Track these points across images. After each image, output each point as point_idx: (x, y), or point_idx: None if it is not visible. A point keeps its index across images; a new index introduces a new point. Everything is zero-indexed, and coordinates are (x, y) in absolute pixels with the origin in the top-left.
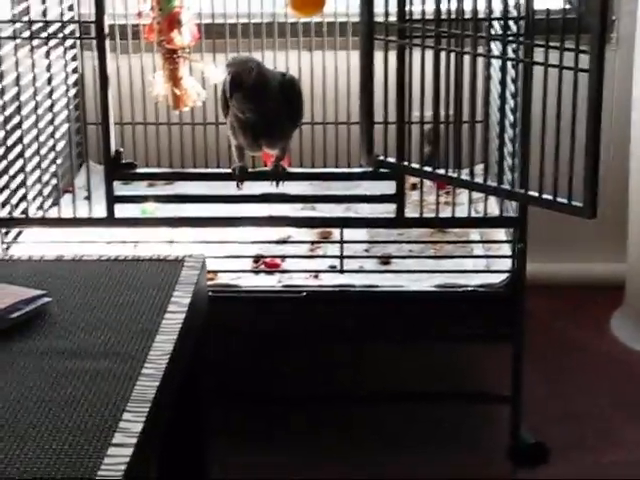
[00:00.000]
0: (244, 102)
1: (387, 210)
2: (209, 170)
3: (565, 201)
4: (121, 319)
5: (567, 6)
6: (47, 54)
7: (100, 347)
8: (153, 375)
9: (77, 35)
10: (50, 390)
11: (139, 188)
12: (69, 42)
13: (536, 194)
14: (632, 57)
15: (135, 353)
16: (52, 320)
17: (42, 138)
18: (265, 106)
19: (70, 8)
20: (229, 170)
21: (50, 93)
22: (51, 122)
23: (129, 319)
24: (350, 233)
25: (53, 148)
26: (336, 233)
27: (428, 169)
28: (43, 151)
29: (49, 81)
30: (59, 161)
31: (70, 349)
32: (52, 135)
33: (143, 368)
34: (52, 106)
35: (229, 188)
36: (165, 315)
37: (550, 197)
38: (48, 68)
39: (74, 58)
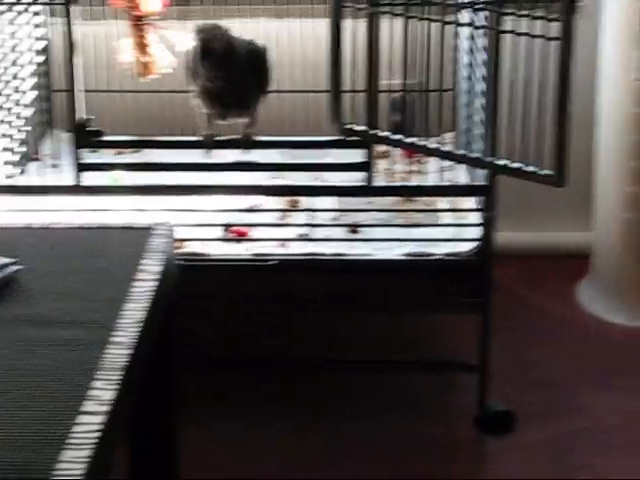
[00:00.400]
0: (212, 69)
1: (355, 179)
2: (178, 138)
3: (534, 169)
4: (90, 287)
5: None
6: (13, 20)
7: (69, 315)
8: (123, 343)
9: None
10: (19, 358)
11: (107, 156)
12: (36, 8)
13: (505, 162)
14: (597, 25)
15: (105, 321)
16: (21, 288)
17: (10, 105)
18: (233, 74)
19: None
20: (198, 138)
21: (17, 60)
22: (18, 89)
23: (98, 287)
24: (319, 201)
25: (20, 115)
26: (304, 201)
27: (397, 137)
28: (11, 118)
29: (16, 48)
30: (27, 129)
31: (39, 317)
32: (19, 102)
33: (113, 336)
34: (19, 73)
35: (197, 156)
36: (135, 283)
37: (519, 165)
38: (15, 35)
39: (40, 25)
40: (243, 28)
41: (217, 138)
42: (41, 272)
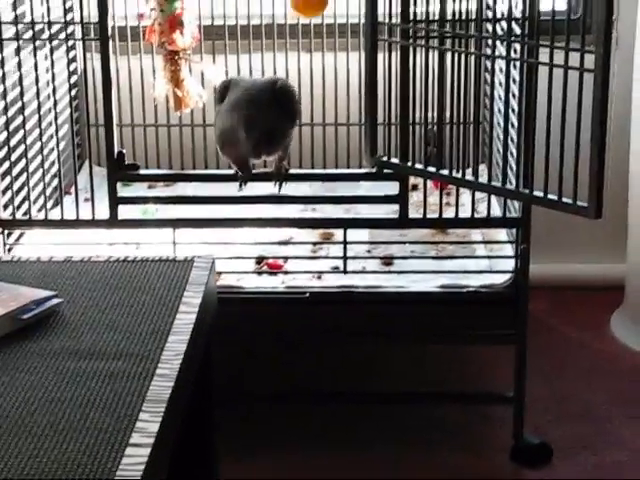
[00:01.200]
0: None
1: (387, 211)
2: (212, 171)
3: (570, 201)
4: (133, 320)
5: (564, 8)
6: (50, 55)
7: (113, 348)
8: (167, 375)
9: (79, 36)
10: (65, 391)
11: (139, 189)
12: (69, 43)
13: (541, 194)
14: (632, 56)
15: (148, 354)
16: (63, 321)
17: (44, 139)
18: (261, 117)
19: (70, 9)
20: (231, 171)
21: (52, 94)
22: (52, 123)
23: (141, 320)
24: (351, 234)
25: (55, 149)
26: (337, 234)
27: (432, 169)
28: (45, 152)
29: (50, 82)
30: (59, 162)
31: (83, 350)
32: (53, 136)
33: (157, 368)
34: (55, 107)
35: (229, 189)
36: (177, 315)
37: (555, 197)
38: (49, 69)
39: (74, 59)
40: (275, 61)
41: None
42: (83, 305)
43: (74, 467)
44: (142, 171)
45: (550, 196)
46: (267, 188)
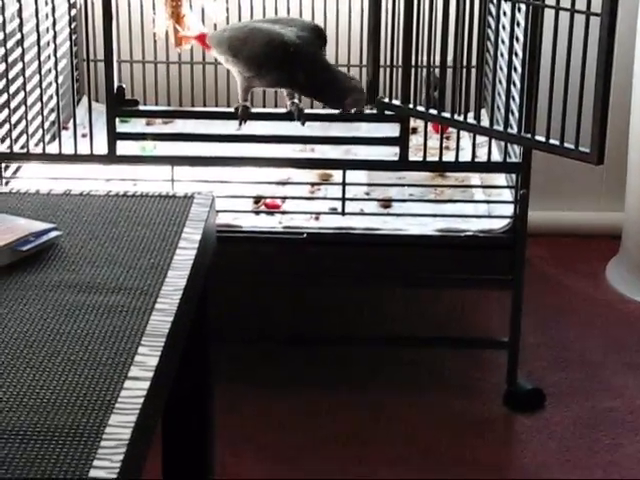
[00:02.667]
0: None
1: (386, 153)
2: (212, 109)
3: (572, 146)
4: (132, 254)
5: None
6: None
7: (112, 282)
8: (166, 310)
9: None
10: (64, 324)
11: (138, 126)
12: None
13: (543, 139)
14: (637, 1)
15: (148, 288)
16: (63, 254)
17: (42, 72)
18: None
19: None
20: (230, 109)
21: (52, 26)
22: (50, 57)
23: (140, 254)
24: (350, 176)
25: (53, 83)
26: (336, 175)
27: (433, 112)
28: (43, 85)
29: (50, 14)
30: (57, 97)
31: (82, 283)
32: (52, 70)
33: (156, 303)
34: (54, 40)
35: (228, 127)
36: (176, 251)
37: (557, 142)
38: (49, 1)
39: None
40: (277, 2)
41: (251, 109)
42: (82, 238)
43: (72, 398)
44: (141, 107)
45: (552, 141)
46: (266, 127)
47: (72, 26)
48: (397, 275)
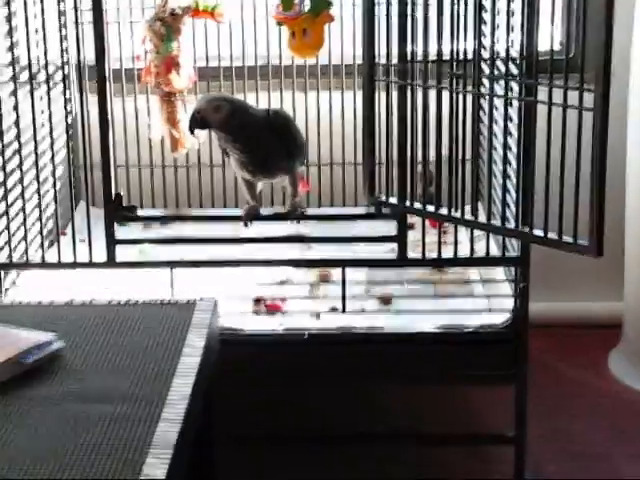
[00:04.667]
0: (228, 142)
1: (384, 250)
2: (210, 211)
3: (571, 240)
4: (136, 363)
5: (559, 47)
6: (47, 96)
7: (117, 391)
8: (173, 419)
9: (74, 78)
10: (70, 436)
11: (135, 229)
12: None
13: (541, 232)
14: (626, 93)
15: (153, 397)
16: (66, 365)
17: (40, 179)
18: (252, 144)
19: (65, 50)
20: (234, 211)
21: (49, 135)
22: (46, 165)
23: (144, 362)
24: (349, 273)
25: (51, 190)
26: (335, 273)
27: (430, 209)
28: (42, 192)
29: (47, 123)
30: (55, 204)
31: (87, 394)
32: (49, 178)
33: (162, 412)
34: (52, 148)
35: (225, 229)
36: (180, 358)
37: (555, 236)
38: (45, 110)
39: (69, 100)
40: (270, 101)
41: (260, 211)
42: (85, 348)
43: None
44: (139, 212)
45: (550, 235)
46: (265, 227)
47: (69, 133)
48: (400, 372)
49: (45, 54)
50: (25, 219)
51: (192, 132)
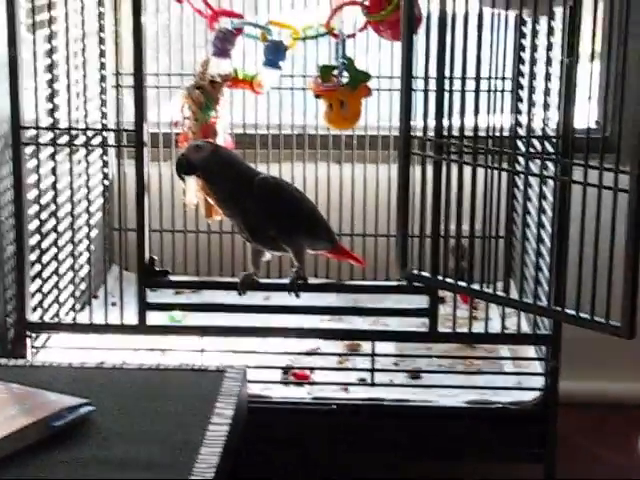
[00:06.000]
0: (212, 191)
1: (414, 323)
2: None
3: (603, 320)
4: (164, 430)
5: (595, 126)
6: (85, 160)
7: (144, 458)
8: None
9: (112, 142)
10: None
11: (167, 294)
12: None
13: (573, 312)
14: None
15: (180, 465)
16: (94, 429)
17: (75, 241)
18: (235, 201)
19: (104, 115)
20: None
21: (86, 197)
22: (82, 227)
23: (172, 430)
24: (379, 346)
25: (85, 252)
26: (364, 346)
27: (462, 284)
28: (76, 254)
29: (84, 186)
30: (89, 266)
31: (114, 460)
32: (83, 240)
33: None
34: (88, 210)
35: (256, 298)
36: (209, 427)
37: (587, 316)
38: (83, 173)
39: (106, 164)
40: (305, 171)
41: (257, 279)
42: (115, 413)
43: None
44: (171, 277)
45: (582, 314)
46: (294, 298)
47: (105, 196)
48: (427, 447)
49: (85, 118)
50: (58, 280)
51: (180, 177)
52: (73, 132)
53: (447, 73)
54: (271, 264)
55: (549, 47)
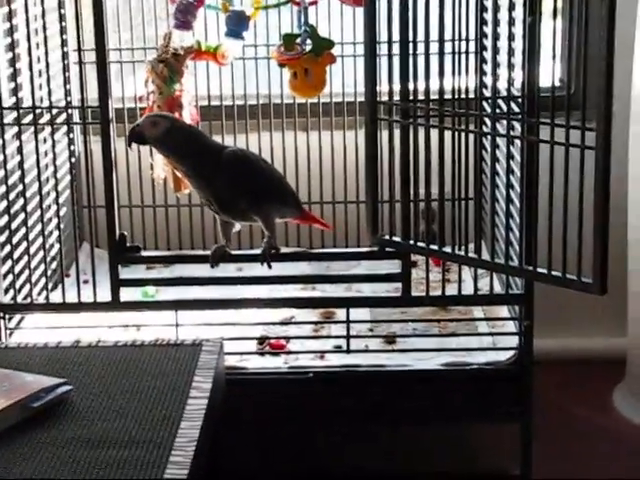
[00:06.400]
0: (172, 162)
1: (388, 288)
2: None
3: (574, 278)
4: (143, 406)
5: (559, 84)
6: (51, 138)
7: (125, 435)
8: (181, 463)
9: (77, 119)
10: None
11: (138, 270)
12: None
13: (545, 271)
14: (626, 128)
15: (161, 441)
16: (73, 408)
17: (44, 220)
18: (200, 175)
19: (68, 92)
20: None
21: (53, 176)
22: (50, 206)
23: (152, 406)
24: (353, 312)
25: (55, 231)
26: (339, 313)
27: (434, 247)
28: (45, 233)
29: (51, 165)
30: (59, 245)
31: (94, 438)
32: (52, 219)
33: (170, 456)
34: (56, 189)
35: (228, 269)
36: (188, 401)
37: (559, 274)
38: (49, 152)
39: (72, 141)
40: (272, 140)
41: (229, 251)
42: (92, 392)
43: None
44: (142, 253)
45: (554, 273)
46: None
47: (73, 174)
48: (404, 411)
49: (49, 96)
50: (29, 260)
51: (129, 145)
52: (37, 111)
53: (410, 37)
54: (242, 235)
55: (511, 7)
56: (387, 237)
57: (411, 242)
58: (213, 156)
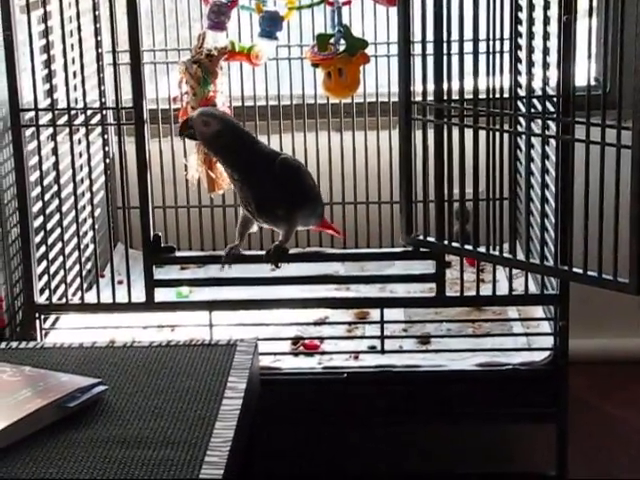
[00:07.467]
0: (222, 164)
1: (422, 289)
2: (247, 253)
3: (610, 278)
4: (178, 406)
5: (594, 83)
6: (86, 139)
7: (160, 435)
8: (217, 463)
9: (111, 120)
10: None
11: (172, 270)
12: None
13: (580, 271)
14: None
15: (196, 441)
16: (109, 408)
17: (79, 221)
18: (248, 178)
19: (103, 93)
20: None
21: (88, 177)
22: (85, 207)
23: (186, 406)
24: (387, 313)
25: (89, 232)
26: (373, 313)
27: (469, 248)
28: (80, 234)
29: (85, 165)
30: (94, 246)
31: (130, 438)
32: (87, 219)
33: (206, 456)
34: (90, 189)
35: (263, 270)
36: (222, 401)
37: (595, 274)
38: (84, 153)
39: (106, 142)
40: (306, 141)
41: (241, 252)
42: (127, 392)
43: None
44: (177, 253)
45: (590, 273)
46: (301, 268)
47: (107, 175)
48: (439, 411)
49: (84, 97)
50: (64, 261)
51: (180, 135)
52: (72, 112)
53: (444, 36)
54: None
55: (546, 5)
56: (421, 237)
57: (445, 242)
58: (264, 162)
